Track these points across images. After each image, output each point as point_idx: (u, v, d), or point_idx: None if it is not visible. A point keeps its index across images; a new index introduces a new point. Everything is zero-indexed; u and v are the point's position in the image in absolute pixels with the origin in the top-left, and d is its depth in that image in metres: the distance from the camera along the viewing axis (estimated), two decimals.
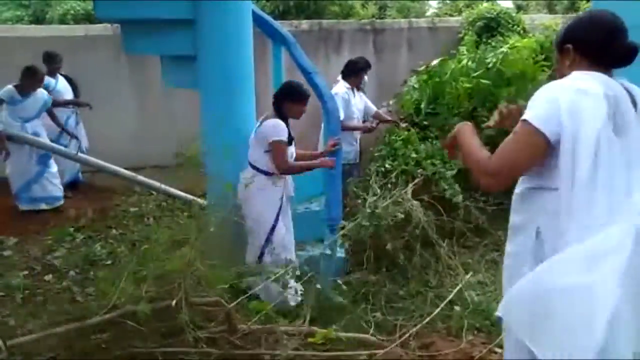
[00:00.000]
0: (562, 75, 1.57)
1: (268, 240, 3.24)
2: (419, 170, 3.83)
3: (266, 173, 3.25)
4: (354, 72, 4.87)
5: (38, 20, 8.20)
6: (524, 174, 1.62)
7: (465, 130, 1.74)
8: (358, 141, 4.95)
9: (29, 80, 4.76)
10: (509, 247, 1.73)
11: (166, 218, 4.98)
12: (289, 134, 3.26)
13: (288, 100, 3.28)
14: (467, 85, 4.41)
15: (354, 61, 5.02)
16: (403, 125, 4.69)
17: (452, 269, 3.47)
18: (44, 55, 5.22)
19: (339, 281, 3.38)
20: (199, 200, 4.29)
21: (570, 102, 1.41)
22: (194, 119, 3.78)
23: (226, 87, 3.44)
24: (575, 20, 1.61)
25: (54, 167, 5.10)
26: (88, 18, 7.82)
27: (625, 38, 1.49)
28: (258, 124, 3.30)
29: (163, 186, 4.91)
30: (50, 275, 3.74)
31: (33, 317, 2.78)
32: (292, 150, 3.36)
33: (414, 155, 3.98)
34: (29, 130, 4.89)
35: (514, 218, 1.70)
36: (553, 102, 1.44)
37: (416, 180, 3.61)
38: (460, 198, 3.72)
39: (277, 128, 3.16)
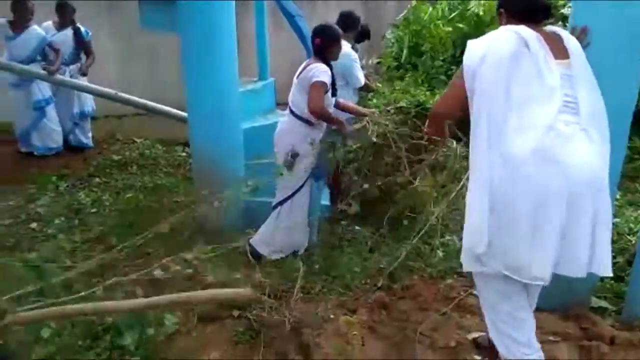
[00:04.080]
0: None
1: (289, 198, 3.16)
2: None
3: (305, 121, 3.10)
4: (353, 28, 4.00)
5: None
6: None
7: None
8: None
9: (18, 13, 4.63)
10: None
11: (150, 166, 4.97)
12: (333, 83, 3.09)
13: (332, 43, 3.06)
14: (447, 29, 4.23)
15: (353, 15, 4.00)
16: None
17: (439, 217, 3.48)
18: (56, 6, 5.09)
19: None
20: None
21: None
22: (176, 63, 3.66)
23: (208, 31, 3.30)
24: None
25: (54, 120, 5.07)
26: None
27: (537, 1, 1.97)
28: (301, 68, 3.11)
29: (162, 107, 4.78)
30: (35, 224, 3.73)
31: None
32: (331, 101, 3.17)
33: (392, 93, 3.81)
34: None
35: None
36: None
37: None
38: None
39: (324, 72, 2.98)
